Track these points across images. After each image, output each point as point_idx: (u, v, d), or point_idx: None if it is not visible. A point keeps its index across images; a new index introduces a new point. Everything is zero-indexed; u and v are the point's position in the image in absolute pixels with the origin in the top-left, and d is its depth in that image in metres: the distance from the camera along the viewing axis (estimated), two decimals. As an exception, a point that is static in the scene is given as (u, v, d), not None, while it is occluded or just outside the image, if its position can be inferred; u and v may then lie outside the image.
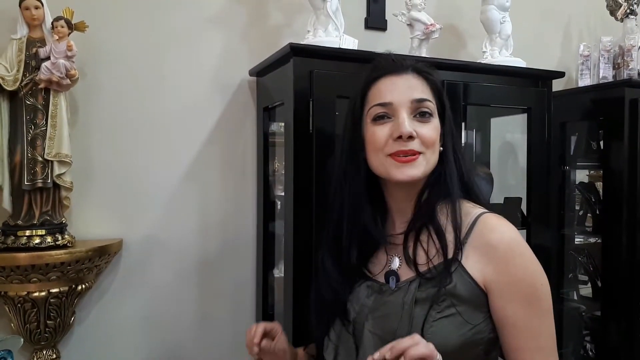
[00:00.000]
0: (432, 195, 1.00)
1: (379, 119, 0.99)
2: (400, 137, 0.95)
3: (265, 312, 1.91)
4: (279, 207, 1.96)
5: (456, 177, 1.01)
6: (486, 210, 1.00)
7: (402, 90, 0.98)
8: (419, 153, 0.96)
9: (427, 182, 1.01)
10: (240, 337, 1.95)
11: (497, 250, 0.93)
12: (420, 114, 0.98)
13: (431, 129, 0.98)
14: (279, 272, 1.89)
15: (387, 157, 0.97)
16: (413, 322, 0.92)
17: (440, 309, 0.92)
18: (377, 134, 0.98)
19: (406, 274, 0.99)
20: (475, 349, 0.94)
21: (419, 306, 0.93)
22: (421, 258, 0.97)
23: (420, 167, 0.97)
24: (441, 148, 1.01)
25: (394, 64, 1.02)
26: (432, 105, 0.99)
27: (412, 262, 0.97)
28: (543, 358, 0.96)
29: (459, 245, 0.95)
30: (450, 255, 0.94)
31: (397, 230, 1.04)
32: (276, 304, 1.91)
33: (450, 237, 0.96)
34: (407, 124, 0.95)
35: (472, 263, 0.94)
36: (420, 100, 0.98)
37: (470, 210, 1.00)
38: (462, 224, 0.97)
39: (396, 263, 1.02)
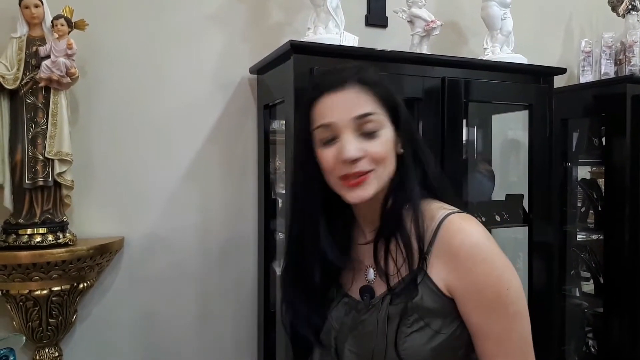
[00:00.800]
0: (396, 201, 0.95)
1: (325, 141, 0.93)
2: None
3: (267, 309, 1.92)
4: (280, 204, 1.96)
5: (415, 181, 0.95)
6: (452, 211, 0.94)
7: (342, 109, 0.91)
8: (370, 171, 0.91)
9: (390, 188, 0.95)
10: (241, 334, 1.97)
11: (458, 256, 0.89)
12: (365, 131, 0.91)
13: (379, 145, 0.91)
14: (280, 270, 1.89)
15: (338, 179, 0.93)
16: (387, 339, 0.90)
17: (409, 323, 0.89)
18: (325, 158, 0.93)
19: (380, 287, 0.96)
20: (454, 353, 0.91)
21: (391, 323, 0.90)
22: (392, 269, 0.94)
23: (372, 186, 0.91)
24: (401, 150, 0.96)
25: (333, 80, 0.94)
26: (378, 117, 0.92)
27: (383, 274, 0.94)
28: None
29: (423, 254, 0.91)
30: (415, 265, 0.91)
31: (367, 238, 1.01)
32: (277, 301, 1.91)
33: (416, 245, 0.92)
34: (351, 146, 0.89)
35: (437, 271, 0.90)
36: (363, 116, 0.90)
37: (435, 213, 0.94)
38: (427, 230, 0.92)
39: (371, 274, 0.99)
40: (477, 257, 0.88)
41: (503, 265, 0.90)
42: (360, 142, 0.90)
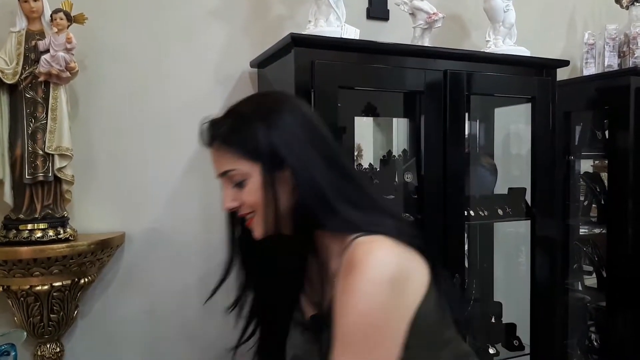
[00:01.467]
0: (298, 233, 0.97)
1: None
2: None
3: (269, 304, 1.91)
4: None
5: (311, 211, 0.92)
6: (358, 235, 0.89)
7: (214, 165, 0.99)
8: (253, 215, 0.96)
9: (294, 220, 0.97)
10: (244, 329, 1.96)
11: (342, 279, 0.85)
12: (235, 182, 0.96)
13: (247, 194, 0.95)
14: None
15: None
16: None
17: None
18: None
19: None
20: None
21: (324, 351, 0.90)
22: (317, 296, 0.97)
23: (258, 226, 0.96)
24: (294, 183, 0.94)
25: (202, 137, 1.01)
26: (239, 171, 0.94)
27: (319, 305, 0.96)
28: None
29: (330, 283, 0.91)
30: (329, 291, 0.91)
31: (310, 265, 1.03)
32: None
33: (330, 273, 0.93)
34: (225, 199, 0.98)
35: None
36: (224, 174, 0.97)
37: (346, 238, 0.90)
38: (334, 256, 0.93)
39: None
40: (353, 287, 0.82)
41: (384, 303, 0.82)
42: (236, 192, 0.96)
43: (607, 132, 2.32)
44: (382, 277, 0.82)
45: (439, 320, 0.91)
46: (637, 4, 2.32)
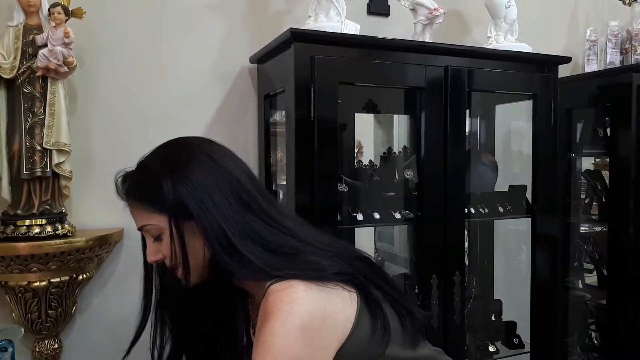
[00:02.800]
0: (216, 281, 0.98)
1: None
2: None
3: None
4: (281, 196, 1.94)
5: (221, 260, 0.90)
6: (271, 282, 0.88)
7: (133, 219, 0.99)
8: (177, 266, 0.95)
9: (209, 272, 0.97)
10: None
11: (257, 331, 0.85)
12: (153, 236, 0.97)
13: (164, 247, 0.95)
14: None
15: None
16: None
17: None
18: None
19: None
20: None
21: None
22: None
23: (185, 277, 0.95)
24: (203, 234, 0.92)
25: (118, 194, 1.00)
26: (155, 225, 0.94)
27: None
28: None
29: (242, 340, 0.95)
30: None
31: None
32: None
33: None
34: (149, 253, 0.99)
35: None
36: (141, 228, 0.98)
37: (264, 284, 0.89)
38: (256, 301, 0.94)
39: None
40: (264, 337, 0.82)
41: (287, 356, 0.81)
42: (157, 245, 0.97)
43: (608, 130, 2.30)
44: (291, 327, 0.81)
45: (376, 348, 0.91)
46: (640, 0, 2.31)
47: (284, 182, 1.88)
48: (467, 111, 1.85)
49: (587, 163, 2.53)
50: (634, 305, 2.12)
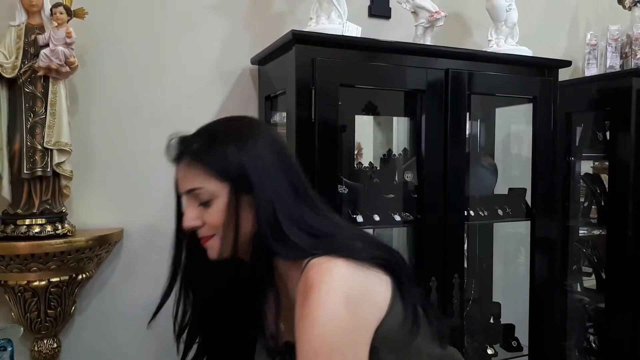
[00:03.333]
0: (258, 258, 0.96)
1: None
2: None
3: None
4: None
5: (268, 239, 0.91)
6: (310, 257, 0.88)
7: (179, 182, 0.99)
8: (212, 235, 0.96)
9: (253, 246, 0.96)
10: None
11: (299, 305, 0.85)
12: (201, 201, 0.95)
13: (212, 214, 0.94)
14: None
15: None
16: None
17: None
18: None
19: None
20: None
21: None
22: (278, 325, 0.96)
23: (216, 249, 0.96)
24: (256, 208, 0.93)
25: (171, 153, 1.01)
26: (207, 190, 0.93)
27: (277, 337, 0.96)
28: None
29: (280, 312, 0.92)
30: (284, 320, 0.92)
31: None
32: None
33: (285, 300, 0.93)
34: (187, 217, 0.97)
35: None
36: (190, 191, 0.96)
37: (302, 263, 0.90)
38: (291, 282, 0.93)
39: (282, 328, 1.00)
40: (308, 310, 0.82)
41: (335, 328, 0.81)
42: (199, 211, 0.95)
43: (608, 134, 2.31)
44: (334, 300, 0.81)
45: (407, 336, 0.91)
46: (640, 4, 2.31)
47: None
48: (467, 114, 1.86)
49: (586, 166, 2.54)
50: (632, 308, 2.12)
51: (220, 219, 0.93)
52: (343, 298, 0.82)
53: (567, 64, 2.02)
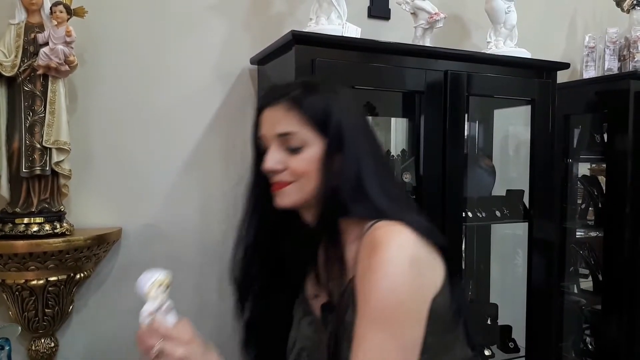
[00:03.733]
0: (324, 214, 0.97)
1: (263, 150, 1.00)
2: None
3: (265, 302, 1.91)
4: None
5: (344, 196, 0.93)
6: (377, 220, 0.91)
7: (270, 124, 0.98)
8: (290, 182, 0.96)
9: (323, 201, 0.97)
10: (238, 326, 1.96)
11: (364, 259, 0.87)
12: (289, 147, 0.96)
13: (299, 161, 0.95)
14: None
15: (271, 184, 1.00)
16: (335, 355, 0.90)
17: (348, 336, 0.87)
18: (262, 164, 1.00)
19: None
20: None
21: (338, 342, 0.90)
22: (332, 283, 0.97)
23: (290, 196, 0.97)
24: (340, 166, 0.95)
25: (270, 96, 1.00)
26: (301, 136, 0.95)
27: (327, 290, 0.97)
28: None
29: (345, 267, 0.93)
30: (345, 278, 0.92)
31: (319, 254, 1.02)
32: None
33: (348, 257, 0.93)
34: (270, 159, 0.96)
35: (356, 279, 0.88)
36: (283, 135, 0.96)
37: (365, 223, 0.93)
38: (353, 242, 0.93)
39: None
40: (377, 264, 0.84)
41: (407, 282, 0.84)
42: (284, 156, 0.96)
43: (605, 136, 2.32)
44: (403, 257, 0.84)
45: (450, 318, 0.92)
46: (638, 7, 2.32)
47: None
48: (466, 115, 1.86)
49: (583, 169, 2.55)
50: (628, 310, 2.13)
51: (306, 167, 0.95)
52: (410, 258, 0.85)
53: (565, 66, 2.02)
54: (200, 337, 0.86)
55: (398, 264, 0.84)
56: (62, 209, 1.60)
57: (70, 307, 1.67)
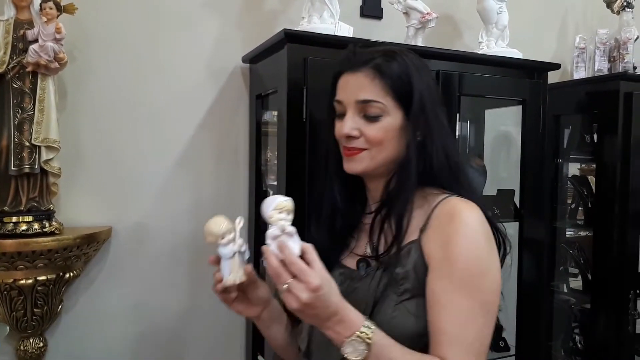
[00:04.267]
0: (395, 183, 1.01)
1: (338, 114, 1.03)
2: None
3: (256, 301, 1.90)
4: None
5: (415, 168, 0.98)
6: (452, 195, 0.98)
7: (351, 90, 1.00)
8: (363, 149, 0.99)
9: (394, 170, 1.02)
10: (231, 325, 1.96)
11: (444, 226, 0.93)
12: (367, 114, 0.98)
13: (377, 129, 0.98)
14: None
15: (343, 148, 1.03)
16: (378, 308, 0.94)
17: (399, 292, 0.94)
18: (336, 129, 1.04)
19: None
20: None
21: (383, 292, 0.95)
22: (383, 243, 1.00)
23: (363, 162, 1.00)
24: (419, 139, 1.00)
25: (352, 60, 1.02)
26: (381, 105, 0.97)
27: (374, 248, 1.01)
28: (459, 350, 0.88)
29: (402, 233, 0.96)
30: (403, 241, 0.96)
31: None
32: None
33: (410, 222, 0.98)
34: (348, 125, 0.99)
35: (429, 244, 0.94)
36: (365, 102, 0.98)
37: (434, 197, 0.99)
38: (420, 209, 0.98)
39: (368, 249, 1.05)
40: (462, 232, 0.91)
41: (487, 252, 0.92)
42: (361, 123, 0.99)
43: (595, 136, 2.33)
44: (482, 232, 0.93)
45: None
46: (628, 9, 2.34)
47: (274, 182, 1.88)
48: (457, 115, 1.87)
49: (573, 169, 2.56)
50: (617, 309, 2.15)
51: (383, 136, 0.98)
52: (486, 235, 0.93)
53: (556, 66, 2.03)
54: (331, 279, 0.86)
55: (478, 234, 0.92)
56: (51, 208, 1.59)
57: (60, 307, 1.66)
